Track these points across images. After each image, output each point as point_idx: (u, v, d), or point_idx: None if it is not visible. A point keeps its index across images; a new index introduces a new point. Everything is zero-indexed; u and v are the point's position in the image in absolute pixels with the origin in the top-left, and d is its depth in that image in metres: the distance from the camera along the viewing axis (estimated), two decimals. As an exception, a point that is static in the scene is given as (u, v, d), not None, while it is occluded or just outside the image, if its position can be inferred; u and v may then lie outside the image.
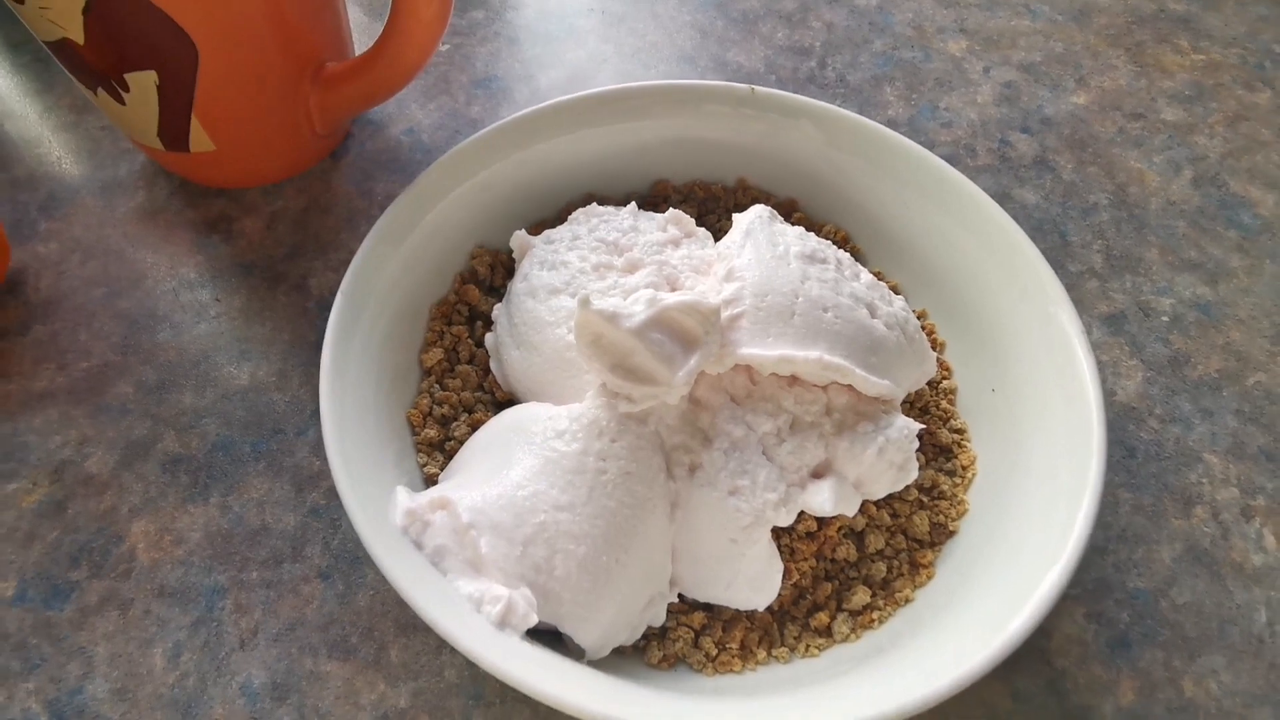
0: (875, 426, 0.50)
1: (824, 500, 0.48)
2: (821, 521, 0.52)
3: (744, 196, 0.67)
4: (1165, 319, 0.68)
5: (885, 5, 0.90)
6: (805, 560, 0.52)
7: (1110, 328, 0.67)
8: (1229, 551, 0.58)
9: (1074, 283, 0.69)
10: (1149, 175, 0.76)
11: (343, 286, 0.53)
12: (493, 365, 0.58)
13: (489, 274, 0.63)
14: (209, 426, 0.61)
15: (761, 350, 0.48)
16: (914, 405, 0.58)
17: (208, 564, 0.56)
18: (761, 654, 0.50)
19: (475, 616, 0.44)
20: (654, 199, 0.68)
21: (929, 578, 0.52)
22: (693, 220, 0.59)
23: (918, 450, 0.54)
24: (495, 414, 0.56)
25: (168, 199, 0.73)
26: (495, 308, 0.59)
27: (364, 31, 0.85)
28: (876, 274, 0.64)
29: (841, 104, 0.81)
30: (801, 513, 0.50)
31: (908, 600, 0.52)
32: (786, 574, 0.51)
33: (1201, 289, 0.69)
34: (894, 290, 0.63)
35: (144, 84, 0.60)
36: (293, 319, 0.66)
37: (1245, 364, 0.65)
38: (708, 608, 0.52)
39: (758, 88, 0.63)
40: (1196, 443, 0.62)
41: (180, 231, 0.71)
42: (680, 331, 0.46)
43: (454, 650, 0.51)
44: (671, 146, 0.66)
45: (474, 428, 0.55)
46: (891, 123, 0.80)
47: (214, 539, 0.57)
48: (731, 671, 0.50)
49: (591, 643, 0.47)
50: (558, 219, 0.63)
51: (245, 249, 0.70)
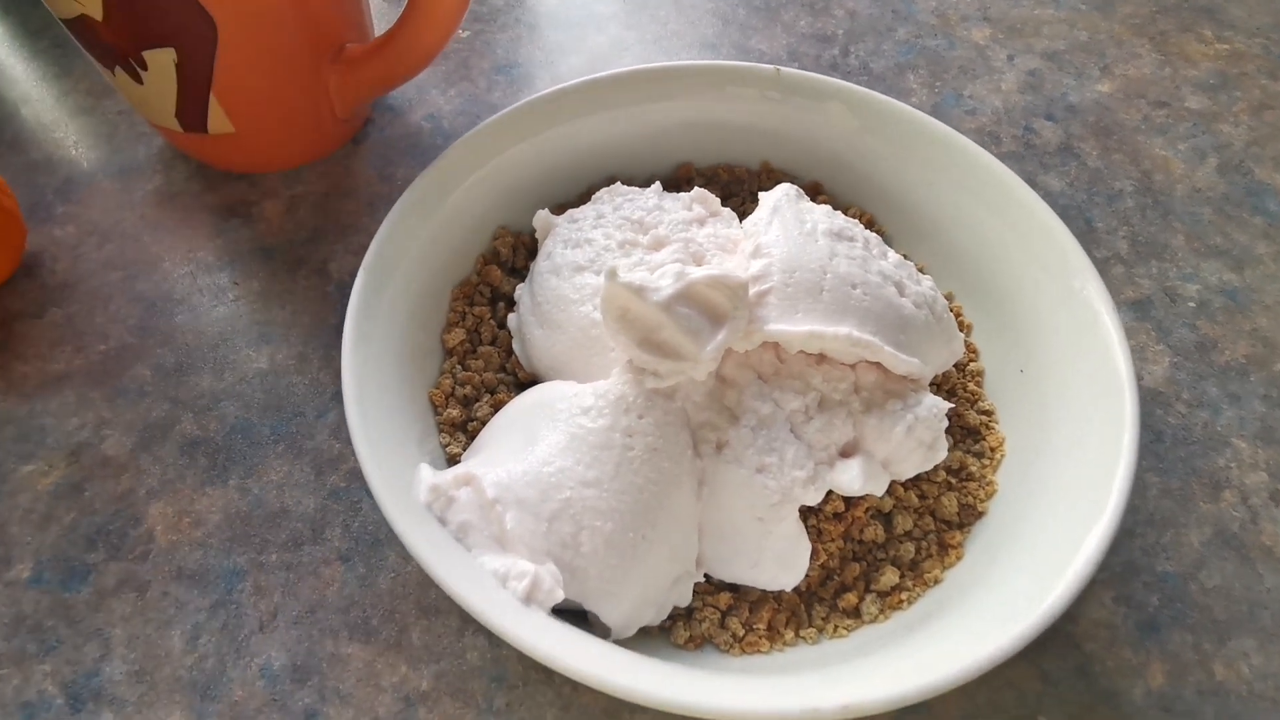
0: (904, 404, 0.49)
1: (852, 478, 0.48)
2: (849, 502, 0.52)
3: (768, 179, 0.67)
4: (1192, 305, 0.67)
5: (908, -7, 0.90)
6: (833, 541, 0.51)
7: (1136, 313, 0.67)
8: (1258, 535, 0.57)
9: (1100, 269, 0.67)
10: (1174, 163, 0.76)
11: (365, 262, 0.52)
12: (515, 346, 0.58)
13: (511, 255, 0.62)
14: (228, 409, 0.61)
15: (790, 326, 0.47)
16: (941, 387, 0.58)
17: (226, 546, 0.55)
18: (789, 635, 0.50)
19: (501, 592, 0.44)
20: (677, 181, 0.67)
21: (958, 559, 0.52)
22: (717, 200, 0.59)
23: (946, 431, 0.53)
24: (517, 394, 0.55)
25: (185, 183, 0.72)
26: (518, 288, 0.59)
27: (382, 18, 0.84)
28: (903, 256, 0.63)
29: (864, 92, 0.81)
30: (829, 493, 0.50)
31: (936, 581, 0.51)
32: (814, 555, 0.50)
33: (1228, 275, 0.69)
34: (921, 272, 0.62)
35: (162, 62, 0.59)
36: (313, 302, 0.66)
37: (1273, 349, 0.65)
38: (734, 588, 0.51)
39: (783, 69, 0.63)
40: (1225, 428, 0.61)
41: (198, 215, 0.70)
42: (708, 306, 0.46)
43: (476, 632, 0.50)
44: (695, 129, 0.66)
45: (496, 408, 0.55)
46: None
47: (233, 521, 0.56)
48: (759, 652, 0.49)
49: (617, 621, 0.47)
50: (580, 201, 0.63)
51: (265, 233, 0.69)
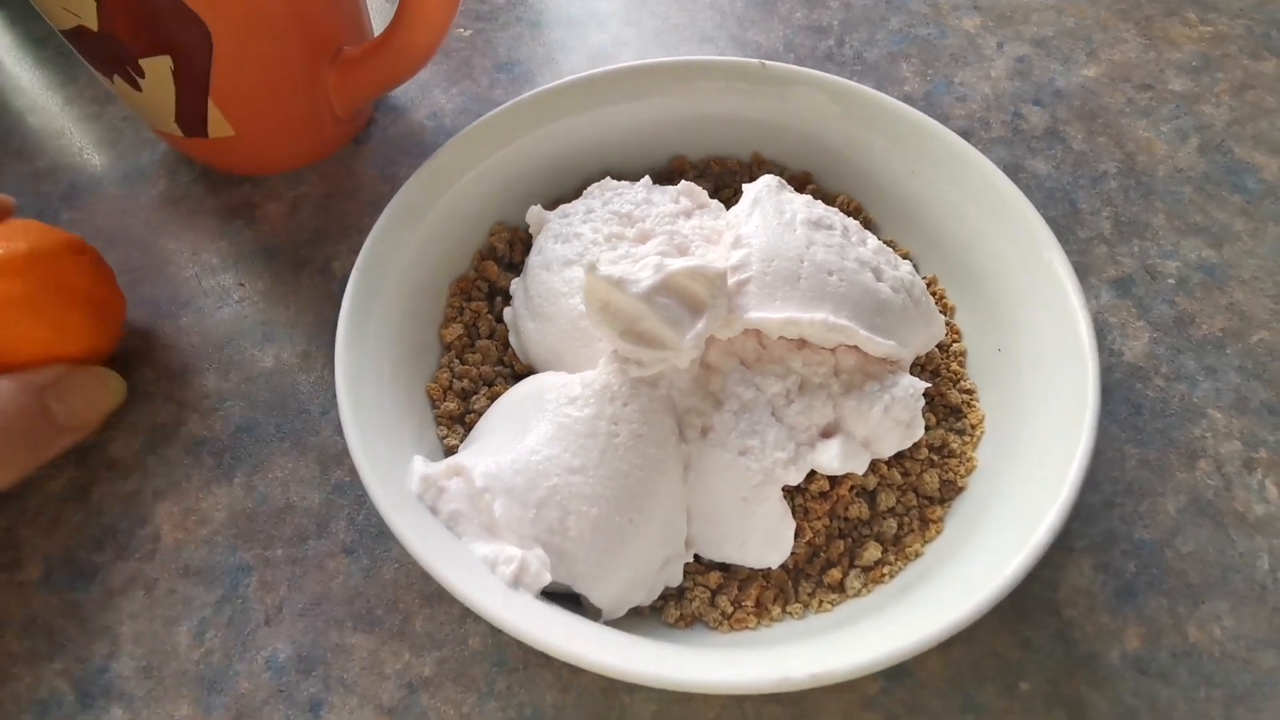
0: (881, 386, 0.51)
1: (832, 458, 0.49)
2: (834, 481, 0.53)
3: (759, 170, 0.68)
4: (1171, 281, 0.68)
5: (900, -17, 0.91)
6: (819, 519, 0.53)
7: (1118, 291, 0.68)
8: (1232, 502, 0.58)
9: (1083, 248, 0.70)
10: (1156, 144, 0.77)
11: (358, 263, 0.54)
12: (511, 339, 0.59)
13: (508, 250, 0.64)
14: (233, 409, 0.62)
15: (768, 313, 0.49)
16: (925, 368, 0.59)
17: (232, 543, 0.57)
18: (776, 610, 0.51)
19: (490, 577, 0.45)
20: (670, 174, 0.69)
21: (938, 533, 0.53)
22: (705, 192, 0.60)
23: (928, 410, 0.55)
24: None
25: (189, 186, 0.74)
26: (513, 282, 0.61)
27: (382, 15, 0.85)
28: (889, 242, 0.64)
29: (859, 81, 0.81)
30: (814, 473, 0.51)
31: (917, 555, 0.53)
32: (800, 533, 0.52)
33: (1206, 252, 0.70)
34: (905, 257, 0.64)
35: (160, 70, 0.60)
36: (317, 302, 0.67)
37: (1248, 323, 0.66)
38: (724, 567, 0.53)
39: (768, 63, 0.64)
40: (1201, 399, 0.63)
41: (202, 218, 0.72)
42: (687, 296, 0.47)
43: (477, 619, 0.52)
44: (687, 122, 0.67)
45: (493, 400, 0.56)
46: (907, 98, 0.81)
47: (238, 518, 0.58)
48: (747, 628, 0.51)
49: (607, 602, 0.48)
50: (575, 196, 0.64)
51: (268, 234, 0.71)
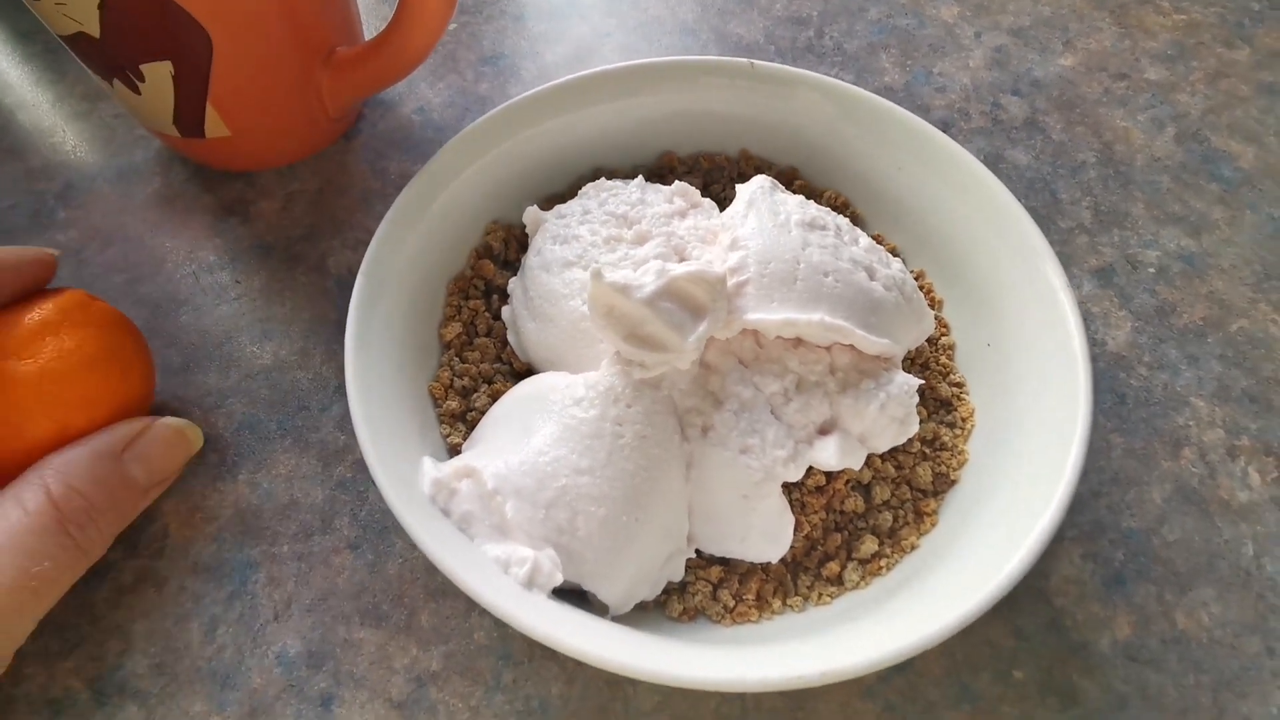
0: (877, 383, 0.52)
1: (829, 455, 0.50)
2: (830, 475, 0.54)
3: (747, 165, 0.69)
4: (1152, 270, 0.70)
5: (879, -27, 0.92)
6: (815, 513, 0.54)
7: (1100, 280, 0.69)
8: (1216, 490, 0.60)
9: (1065, 238, 0.71)
10: (1134, 133, 0.78)
11: (363, 268, 0.54)
12: (510, 337, 0.60)
13: (503, 249, 0.64)
14: (234, 406, 0.63)
15: (766, 315, 0.50)
16: (914, 361, 0.60)
17: (239, 540, 0.57)
18: (776, 604, 0.52)
19: (503, 578, 0.46)
20: (660, 170, 0.69)
21: (933, 525, 0.54)
22: (698, 192, 0.61)
23: (919, 404, 0.56)
24: (514, 384, 0.57)
25: (184, 184, 0.74)
26: (510, 281, 0.61)
27: (371, 13, 0.86)
28: (876, 237, 0.65)
29: (839, 72, 0.83)
30: (811, 468, 0.52)
31: (913, 547, 0.54)
32: (798, 527, 0.53)
33: (1185, 241, 0.71)
34: (893, 252, 0.65)
35: (159, 74, 0.61)
36: (313, 298, 0.68)
37: (1228, 311, 0.67)
38: (724, 562, 0.54)
39: (756, 62, 0.65)
40: (1184, 388, 0.64)
41: (198, 215, 0.72)
42: (689, 300, 0.48)
43: (483, 613, 0.53)
44: (676, 120, 0.68)
45: (494, 398, 0.57)
46: (888, 89, 0.82)
47: (244, 515, 0.58)
48: (749, 621, 0.52)
49: (614, 599, 0.49)
50: (568, 192, 0.65)
51: (263, 231, 0.71)
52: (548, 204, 0.64)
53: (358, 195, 0.73)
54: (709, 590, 0.53)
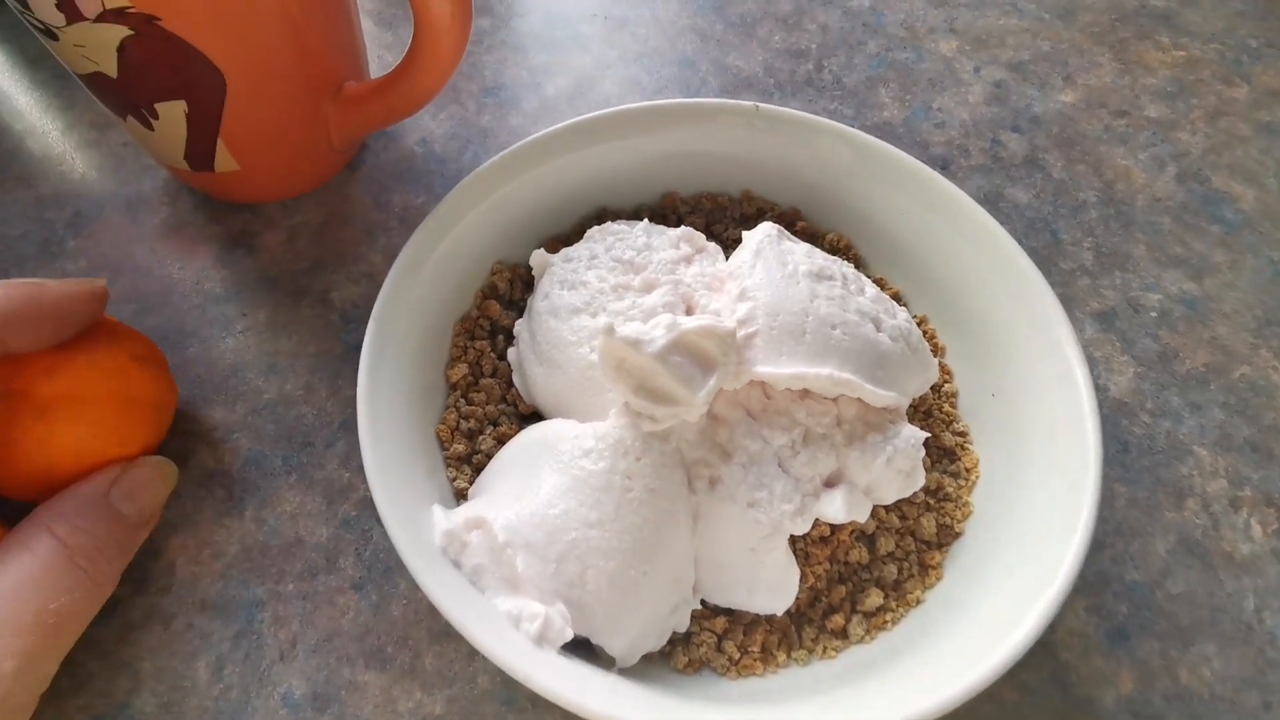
0: (883, 437, 0.52)
1: (837, 509, 0.50)
2: (834, 526, 0.54)
3: (749, 207, 0.69)
4: (1154, 315, 0.70)
5: (877, 5, 0.92)
6: (820, 564, 0.54)
7: (1102, 324, 0.69)
8: (1219, 542, 0.60)
9: (1066, 280, 0.71)
10: (1135, 172, 0.78)
11: (374, 313, 0.55)
12: (515, 379, 0.60)
13: (509, 289, 0.64)
14: (240, 441, 0.63)
15: (775, 369, 0.50)
16: (918, 409, 0.60)
17: (245, 577, 0.58)
18: (781, 656, 0.53)
19: (514, 633, 0.46)
20: (663, 210, 0.70)
21: (938, 579, 0.55)
22: (703, 236, 0.61)
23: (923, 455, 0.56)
24: (519, 426, 0.58)
25: (191, 213, 0.74)
26: (517, 324, 0.62)
27: (375, 41, 0.86)
28: (878, 281, 0.66)
29: (838, 106, 0.83)
30: (815, 519, 0.52)
31: (919, 601, 0.54)
32: (802, 578, 0.53)
33: (1187, 284, 0.71)
34: (895, 297, 0.65)
35: (173, 112, 0.61)
36: (317, 332, 0.68)
37: (1230, 357, 0.68)
38: (729, 612, 0.54)
39: (761, 105, 0.65)
40: (1186, 436, 0.64)
41: (204, 246, 0.72)
42: (699, 354, 0.49)
43: (486, 658, 0.53)
44: (679, 160, 0.68)
45: (500, 440, 0.57)
46: (887, 124, 0.82)
47: (250, 552, 0.59)
48: (754, 674, 0.52)
49: (622, 652, 0.49)
50: (572, 232, 0.66)
51: (268, 263, 0.71)
52: (552, 244, 0.65)
53: (361, 227, 0.73)
54: (714, 641, 0.53)
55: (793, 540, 0.53)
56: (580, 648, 0.50)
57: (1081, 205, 0.76)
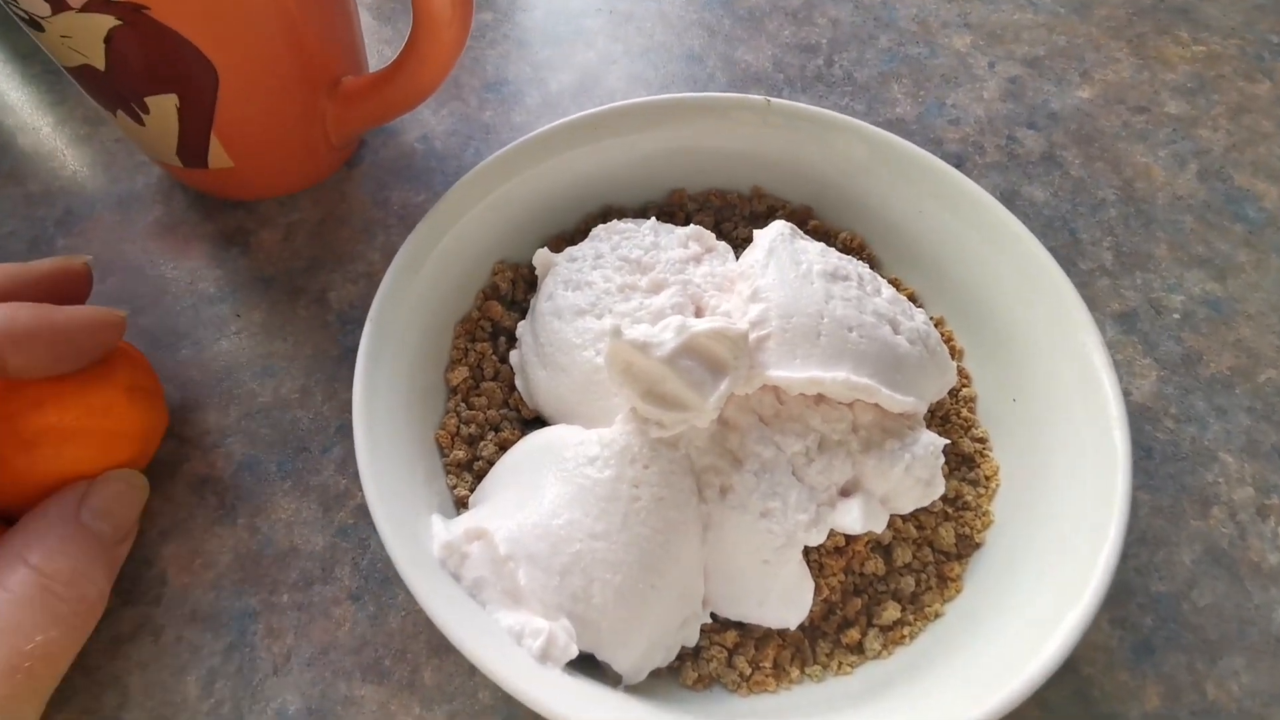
0: (901, 444, 0.50)
1: (854, 519, 0.49)
2: (849, 536, 0.53)
3: (759, 204, 0.68)
4: (1176, 316, 0.68)
5: (889, 0, 0.91)
6: (834, 575, 0.52)
7: (1123, 326, 0.68)
8: (1246, 552, 0.58)
9: (1086, 281, 0.70)
10: (1155, 170, 0.77)
11: (372, 313, 0.53)
12: (518, 382, 0.59)
13: (511, 289, 0.63)
14: (234, 446, 0.61)
15: (789, 372, 0.48)
16: (935, 414, 0.59)
17: (238, 587, 0.56)
18: (795, 672, 0.51)
19: (517, 650, 0.45)
20: (670, 208, 0.68)
21: (957, 591, 0.53)
22: (713, 235, 0.60)
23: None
24: (522, 432, 0.57)
25: (185, 211, 0.73)
26: (519, 325, 0.60)
27: (374, 35, 0.85)
28: (893, 281, 0.64)
29: (850, 102, 0.82)
30: (830, 529, 0.51)
31: (937, 615, 0.52)
32: (816, 590, 0.51)
33: (1211, 285, 0.70)
34: (911, 298, 0.63)
35: (164, 106, 0.60)
36: (314, 333, 0.66)
37: (1256, 360, 0.66)
38: (740, 626, 0.52)
39: (773, 99, 0.64)
40: (1212, 442, 0.63)
41: (198, 245, 0.71)
42: (710, 357, 0.47)
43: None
44: (686, 156, 0.67)
45: (501, 447, 0.56)
46: (900, 120, 0.81)
47: (244, 561, 0.57)
48: (766, 691, 0.50)
49: (628, 668, 0.48)
50: (576, 231, 0.64)
51: (264, 262, 0.70)
52: (556, 243, 0.63)
53: (359, 226, 0.72)
54: (724, 656, 0.51)
55: (806, 551, 0.51)
56: (585, 663, 0.48)
57: (1101, 204, 0.75)
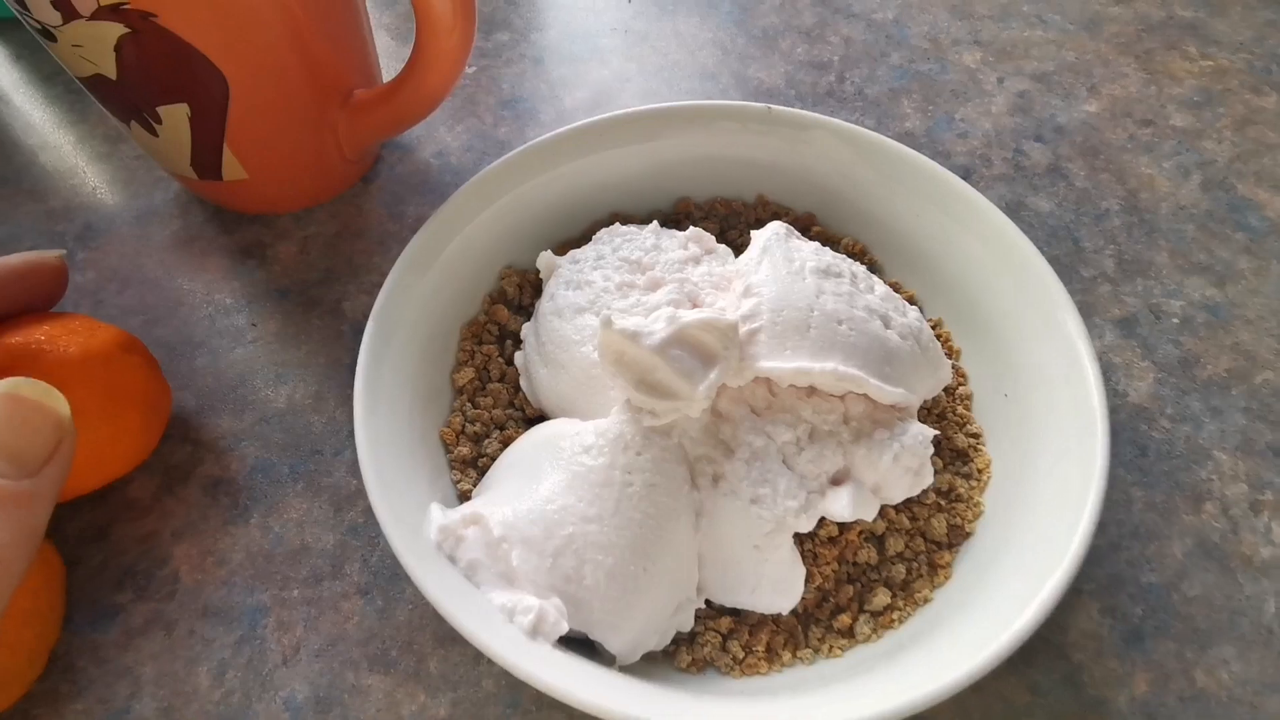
0: (891, 434, 0.51)
1: (843, 506, 0.50)
2: (843, 526, 0.54)
3: (764, 211, 0.69)
4: (1175, 321, 0.69)
5: (901, 18, 0.92)
6: (828, 564, 0.53)
7: (1123, 331, 0.69)
8: (1238, 545, 0.59)
9: (1087, 287, 0.71)
10: (1159, 180, 0.78)
11: (374, 312, 0.54)
12: (523, 383, 0.60)
13: (517, 294, 0.64)
14: (248, 449, 0.63)
15: (779, 363, 0.49)
16: (931, 411, 0.60)
17: (249, 584, 0.57)
18: (786, 655, 0.52)
19: (508, 626, 0.46)
20: (677, 216, 0.69)
21: (946, 578, 0.54)
22: (713, 238, 0.61)
23: (935, 455, 0.56)
24: (526, 430, 0.57)
25: (202, 226, 0.74)
26: (524, 327, 0.61)
27: (393, 56, 0.86)
28: (893, 284, 0.65)
29: (860, 118, 0.83)
30: (823, 519, 0.52)
31: (926, 600, 0.53)
32: (810, 578, 0.52)
33: (1210, 291, 0.71)
34: (910, 300, 0.64)
35: (176, 116, 0.61)
36: (328, 342, 0.68)
37: (1253, 363, 0.67)
38: (734, 612, 0.53)
39: (774, 106, 0.65)
40: (1206, 440, 0.63)
41: (215, 258, 0.72)
42: (700, 347, 0.48)
43: (491, 661, 0.52)
44: (692, 165, 0.68)
45: (506, 444, 0.57)
46: (909, 134, 0.82)
47: (255, 559, 0.58)
48: (758, 673, 0.51)
49: (621, 649, 0.49)
50: (583, 238, 0.65)
51: (279, 274, 0.71)
52: (562, 249, 0.64)
53: (375, 239, 0.73)
54: (718, 641, 0.52)
55: (801, 541, 0.53)
56: (583, 648, 0.49)
57: (1104, 213, 0.76)
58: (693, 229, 0.61)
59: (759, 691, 0.50)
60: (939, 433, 0.57)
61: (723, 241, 0.65)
